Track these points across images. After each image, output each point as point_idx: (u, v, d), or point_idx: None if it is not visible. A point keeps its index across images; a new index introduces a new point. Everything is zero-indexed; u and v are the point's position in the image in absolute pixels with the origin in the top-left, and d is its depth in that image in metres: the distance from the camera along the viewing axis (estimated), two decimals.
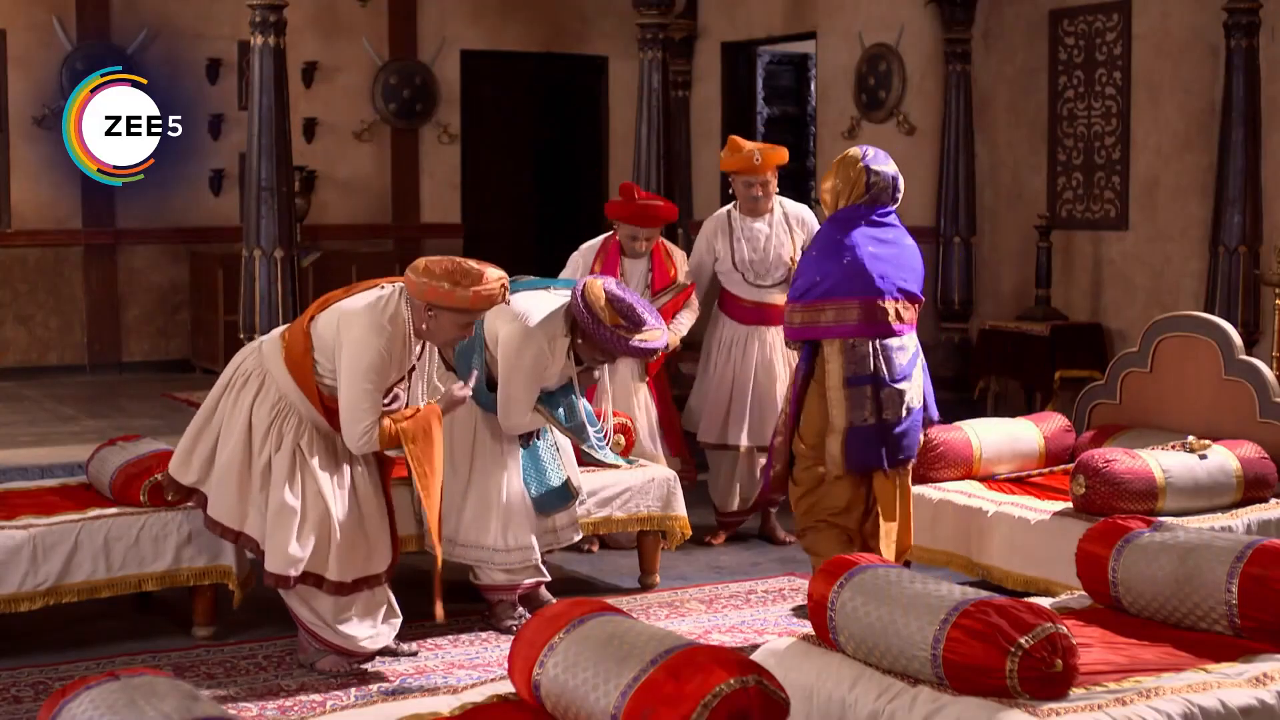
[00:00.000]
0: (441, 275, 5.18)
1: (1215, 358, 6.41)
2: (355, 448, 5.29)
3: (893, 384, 5.62)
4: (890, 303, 5.63)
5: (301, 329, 5.37)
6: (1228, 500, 5.84)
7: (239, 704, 5.08)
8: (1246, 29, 8.95)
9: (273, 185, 8.30)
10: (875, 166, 5.78)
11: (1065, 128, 10.39)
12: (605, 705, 3.30)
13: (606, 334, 5.68)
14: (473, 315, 5.31)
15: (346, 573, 5.36)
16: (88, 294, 11.50)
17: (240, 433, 5.36)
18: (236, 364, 5.53)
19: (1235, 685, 3.79)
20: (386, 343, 5.21)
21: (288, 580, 5.31)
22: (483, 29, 12.86)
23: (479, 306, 5.24)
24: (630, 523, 6.52)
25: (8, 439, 8.66)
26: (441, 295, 5.18)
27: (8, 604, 5.51)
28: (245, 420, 5.36)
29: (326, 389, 5.32)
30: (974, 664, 3.64)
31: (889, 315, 5.63)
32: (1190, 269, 9.58)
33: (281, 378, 5.35)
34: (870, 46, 11.66)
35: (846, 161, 5.85)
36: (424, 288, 5.19)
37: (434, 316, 5.24)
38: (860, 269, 5.63)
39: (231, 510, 5.41)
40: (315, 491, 5.33)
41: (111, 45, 11.19)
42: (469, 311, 5.25)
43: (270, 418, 5.35)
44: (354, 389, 5.20)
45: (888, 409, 5.62)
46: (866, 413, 5.60)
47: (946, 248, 10.81)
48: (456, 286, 5.16)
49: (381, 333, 5.21)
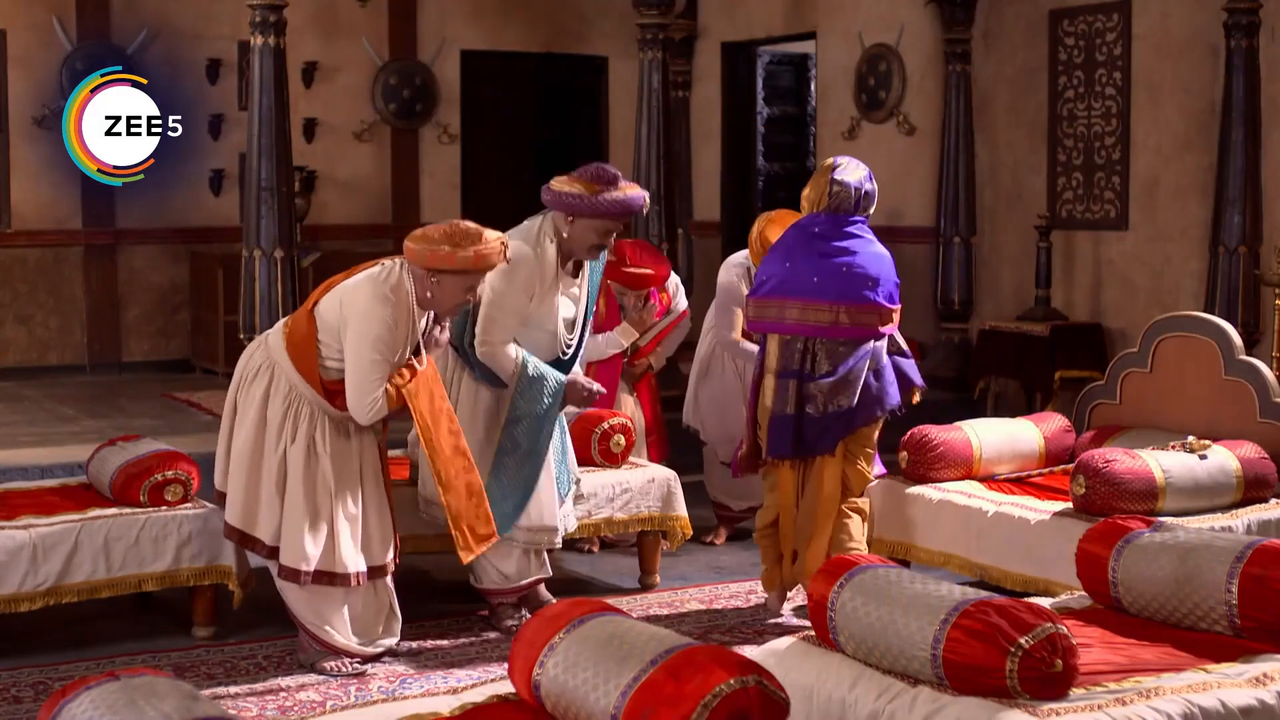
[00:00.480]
0: (441, 239, 5.22)
1: (1215, 358, 6.41)
2: (364, 418, 5.30)
3: (815, 379, 5.83)
4: (829, 306, 5.80)
5: (305, 314, 5.38)
6: (1228, 500, 5.84)
7: (239, 704, 5.08)
8: (1246, 29, 8.96)
9: (273, 185, 8.30)
10: (839, 177, 5.93)
11: (1065, 128, 10.40)
12: (605, 705, 3.30)
13: (592, 201, 5.73)
14: (475, 277, 5.32)
15: (355, 563, 5.37)
16: (88, 294, 11.49)
17: (253, 426, 5.38)
18: (245, 360, 5.55)
19: (1235, 685, 3.79)
20: (392, 312, 5.23)
21: (299, 575, 5.31)
22: (483, 29, 12.86)
23: (481, 267, 5.27)
24: (630, 523, 6.52)
25: (8, 439, 8.65)
26: (443, 258, 5.20)
27: (8, 604, 5.51)
28: (259, 414, 5.38)
29: (331, 373, 5.32)
30: (974, 664, 3.64)
31: (825, 317, 5.82)
32: (1190, 269, 9.58)
33: (287, 367, 5.36)
34: (870, 46, 11.66)
35: (821, 170, 6.07)
36: (425, 253, 5.21)
37: (437, 283, 5.27)
38: (799, 273, 5.87)
39: (239, 512, 5.41)
40: (328, 486, 5.34)
41: (111, 45, 11.19)
42: (471, 273, 5.27)
43: (284, 410, 5.36)
44: (362, 360, 5.22)
45: (809, 403, 5.84)
46: (787, 403, 5.86)
47: (946, 248, 10.81)
48: (457, 248, 5.20)
49: (386, 302, 5.23)
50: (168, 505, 5.82)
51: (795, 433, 5.88)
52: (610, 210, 5.80)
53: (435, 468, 5.45)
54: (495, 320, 5.75)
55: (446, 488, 5.46)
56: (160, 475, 5.83)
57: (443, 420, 5.44)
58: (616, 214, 5.84)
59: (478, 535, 5.55)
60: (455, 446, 5.49)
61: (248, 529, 5.43)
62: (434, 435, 5.39)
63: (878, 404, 5.89)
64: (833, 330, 5.82)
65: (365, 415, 5.28)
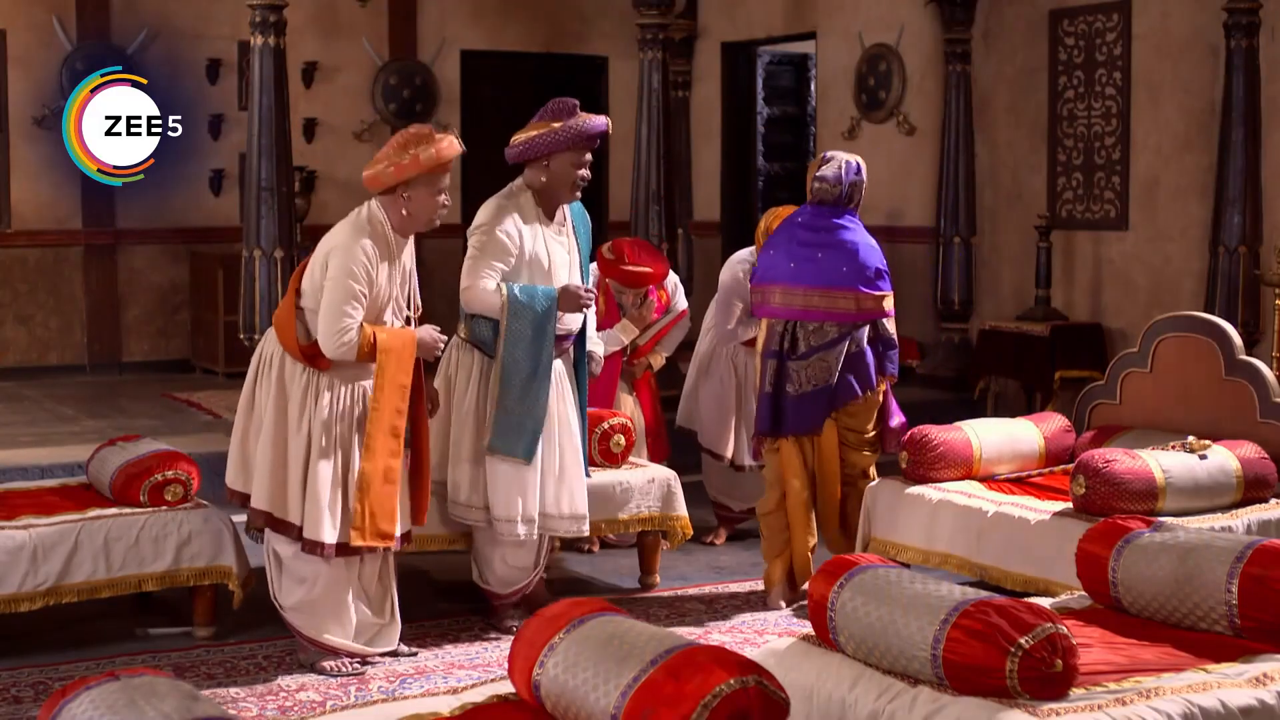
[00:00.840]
0: (397, 152, 5.30)
1: (1215, 358, 6.41)
2: (331, 349, 5.26)
3: (793, 359, 6.20)
4: (803, 290, 6.16)
5: (289, 295, 5.45)
6: (1228, 500, 5.83)
7: (239, 704, 5.08)
8: (1246, 29, 8.96)
9: (273, 185, 8.30)
10: (820, 171, 6.30)
11: (1065, 128, 10.40)
12: (605, 705, 3.30)
13: (555, 134, 5.84)
14: (442, 178, 5.37)
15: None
16: (88, 294, 11.49)
17: (275, 411, 5.38)
18: (258, 354, 5.56)
19: (1235, 685, 3.79)
20: (369, 242, 5.28)
21: (322, 548, 5.30)
22: (483, 29, 12.86)
23: (445, 160, 5.33)
24: (631, 523, 6.52)
25: (8, 439, 8.66)
26: (408, 167, 5.28)
27: (8, 604, 5.51)
28: (279, 398, 5.38)
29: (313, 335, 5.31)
30: (974, 664, 3.64)
31: (799, 301, 6.18)
32: (1190, 269, 9.58)
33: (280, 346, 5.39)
34: (870, 46, 11.67)
35: (811, 164, 6.50)
36: (388, 171, 5.30)
37: (409, 197, 5.33)
38: (780, 260, 6.27)
39: (267, 495, 5.38)
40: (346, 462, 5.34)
41: (111, 45, 11.19)
42: (437, 172, 5.33)
43: (304, 388, 5.35)
44: (338, 290, 5.24)
45: (788, 382, 6.21)
46: (768, 383, 6.26)
47: (946, 248, 10.81)
48: (419, 151, 5.28)
49: (362, 230, 5.30)
50: (168, 505, 5.82)
51: (774, 410, 6.24)
52: (580, 135, 5.89)
53: (367, 430, 5.34)
54: (476, 264, 5.79)
55: (367, 456, 5.35)
56: (160, 475, 5.83)
57: (397, 396, 5.34)
58: (586, 138, 5.91)
59: (377, 528, 5.35)
60: (395, 427, 5.37)
61: (280, 514, 5.39)
62: (382, 401, 5.31)
63: (858, 385, 6.19)
64: (807, 313, 6.19)
65: (333, 345, 5.24)
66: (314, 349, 5.33)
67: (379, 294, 5.33)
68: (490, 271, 5.78)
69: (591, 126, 5.93)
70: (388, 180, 5.30)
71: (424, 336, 5.46)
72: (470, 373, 5.87)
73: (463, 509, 5.86)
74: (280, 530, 5.41)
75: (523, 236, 5.83)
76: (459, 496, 5.86)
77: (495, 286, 5.75)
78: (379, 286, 5.32)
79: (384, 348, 5.28)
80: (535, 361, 5.75)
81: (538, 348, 5.74)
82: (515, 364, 5.73)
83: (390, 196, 5.34)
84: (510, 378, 5.73)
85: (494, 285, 5.76)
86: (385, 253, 5.33)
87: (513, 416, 5.73)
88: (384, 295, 5.35)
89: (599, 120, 5.98)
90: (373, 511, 5.34)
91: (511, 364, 5.73)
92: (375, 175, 5.32)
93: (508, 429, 5.72)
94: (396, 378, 5.32)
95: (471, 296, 5.79)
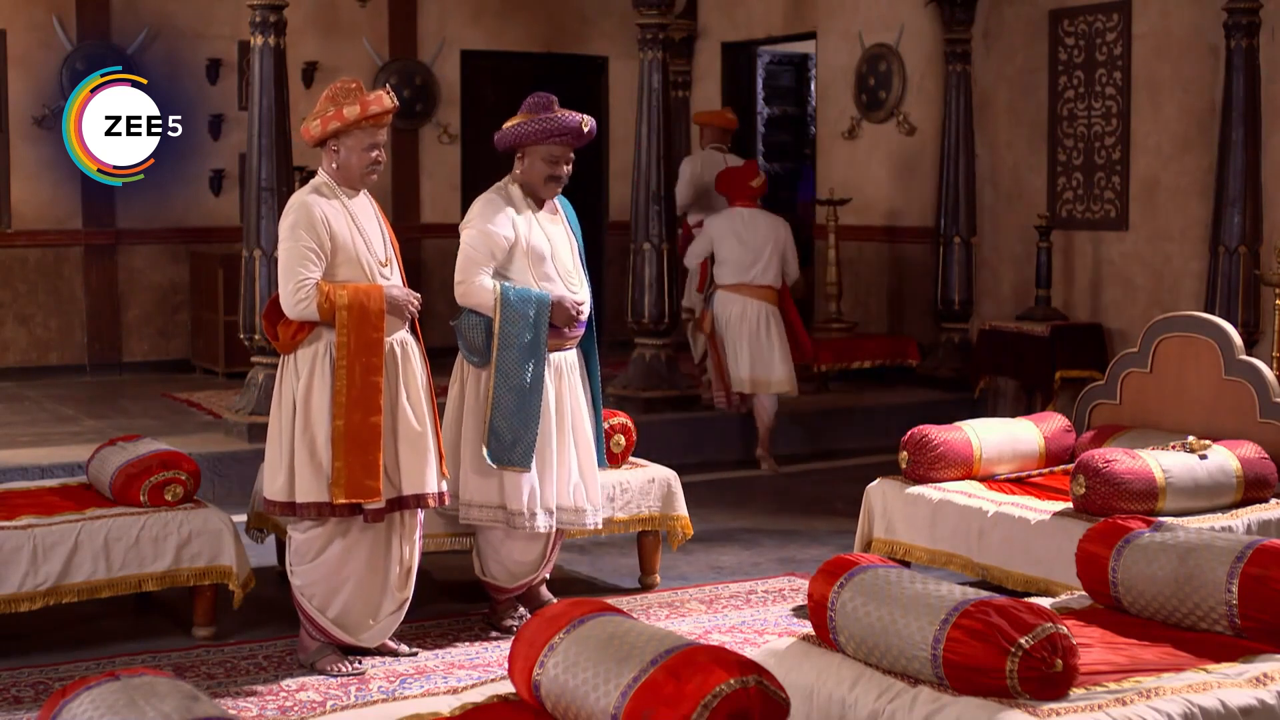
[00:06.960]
0: (323, 104, 5.36)
1: (1215, 358, 6.41)
2: (290, 309, 5.29)
3: None
4: None
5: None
6: (1228, 500, 5.84)
7: (239, 704, 5.08)
8: (1246, 29, 8.95)
9: (273, 185, 8.31)
10: None
11: (1065, 128, 10.40)
12: (605, 705, 3.30)
13: (534, 126, 5.83)
14: (374, 133, 5.38)
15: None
16: (88, 294, 11.49)
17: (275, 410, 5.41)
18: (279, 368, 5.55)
19: (1235, 685, 3.79)
20: (316, 196, 5.34)
21: (322, 509, 5.29)
22: (483, 29, 12.86)
23: (370, 114, 5.34)
24: (631, 523, 6.51)
25: (8, 439, 8.66)
26: (332, 119, 5.34)
27: (8, 604, 5.51)
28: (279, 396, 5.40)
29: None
30: (974, 664, 3.64)
31: None
32: (1190, 269, 9.58)
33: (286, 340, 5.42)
34: (870, 46, 11.67)
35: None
36: (316, 126, 5.36)
37: (338, 151, 5.38)
38: None
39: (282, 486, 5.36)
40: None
41: (111, 45, 11.19)
42: (364, 126, 5.34)
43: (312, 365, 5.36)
44: (291, 249, 5.28)
45: None
46: None
47: (946, 248, 10.80)
48: (342, 105, 5.32)
49: (309, 190, 5.37)
50: (168, 505, 5.82)
51: None
52: (551, 129, 5.85)
53: (334, 386, 5.29)
54: (470, 258, 5.77)
55: (337, 413, 5.27)
56: (160, 475, 5.83)
57: (366, 351, 5.26)
58: (555, 133, 5.86)
59: (358, 484, 5.25)
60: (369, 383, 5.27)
61: (289, 498, 5.38)
62: (349, 356, 5.24)
63: None
64: None
65: (292, 303, 5.27)
66: (283, 325, 5.34)
67: (345, 248, 5.33)
68: (484, 267, 5.77)
69: (563, 121, 5.87)
70: (315, 133, 5.38)
71: (394, 293, 5.41)
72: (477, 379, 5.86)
73: (477, 511, 5.80)
74: (304, 515, 5.39)
75: (517, 226, 5.81)
76: (470, 499, 5.82)
77: (490, 285, 5.74)
78: (341, 238, 5.33)
79: (345, 304, 5.27)
80: (527, 371, 5.70)
81: (529, 354, 5.69)
82: (508, 372, 5.69)
83: (324, 150, 5.41)
84: (502, 389, 5.68)
85: (489, 284, 5.75)
86: (338, 207, 5.37)
87: (507, 428, 5.69)
88: (351, 249, 5.35)
89: (572, 117, 5.91)
90: (349, 468, 5.26)
91: (504, 371, 5.68)
92: (305, 128, 5.41)
93: (502, 440, 5.69)
94: (364, 332, 5.29)
95: (465, 292, 5.78)
